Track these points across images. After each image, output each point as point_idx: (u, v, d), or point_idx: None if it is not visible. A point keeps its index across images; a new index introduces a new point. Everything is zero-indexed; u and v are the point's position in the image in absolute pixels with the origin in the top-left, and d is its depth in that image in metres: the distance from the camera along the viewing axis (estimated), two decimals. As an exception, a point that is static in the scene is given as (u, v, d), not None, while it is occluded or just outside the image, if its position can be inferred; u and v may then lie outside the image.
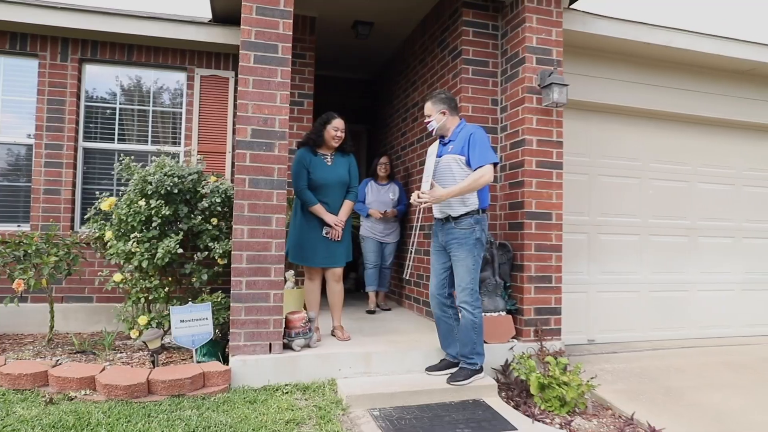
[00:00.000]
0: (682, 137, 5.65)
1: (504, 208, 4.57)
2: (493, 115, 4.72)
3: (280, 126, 3.70)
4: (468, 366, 3.67)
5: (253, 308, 3.61)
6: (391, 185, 5.71)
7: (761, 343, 5.48)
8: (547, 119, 4.35)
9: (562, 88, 4.18)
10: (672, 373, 4.35)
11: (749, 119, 5.75)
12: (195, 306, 3.65)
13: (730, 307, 5.74)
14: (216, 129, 5.26)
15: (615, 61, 5.20)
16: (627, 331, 5.29)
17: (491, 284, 4.24)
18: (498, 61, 4.75)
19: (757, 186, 5.97)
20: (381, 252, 5.62)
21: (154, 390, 3.27)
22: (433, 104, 3.81)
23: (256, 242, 3.63)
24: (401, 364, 3.87)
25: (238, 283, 3.60)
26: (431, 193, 3.63)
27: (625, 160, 5.40)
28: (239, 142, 3.63)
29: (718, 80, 5.61)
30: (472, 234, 3.61)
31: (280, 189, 3.69)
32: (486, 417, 3.31)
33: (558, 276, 4.31)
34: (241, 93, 3.65)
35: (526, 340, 4.21)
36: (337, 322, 4.28)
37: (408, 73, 6.18)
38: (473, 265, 3.61)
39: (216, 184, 4.53)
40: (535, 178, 4.29)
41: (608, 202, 5.31)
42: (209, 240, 4.36)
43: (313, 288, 4.30)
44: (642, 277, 5.40)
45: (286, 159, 3.72)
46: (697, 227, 5.67)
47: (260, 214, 3.65)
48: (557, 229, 4.33)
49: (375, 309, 5.56)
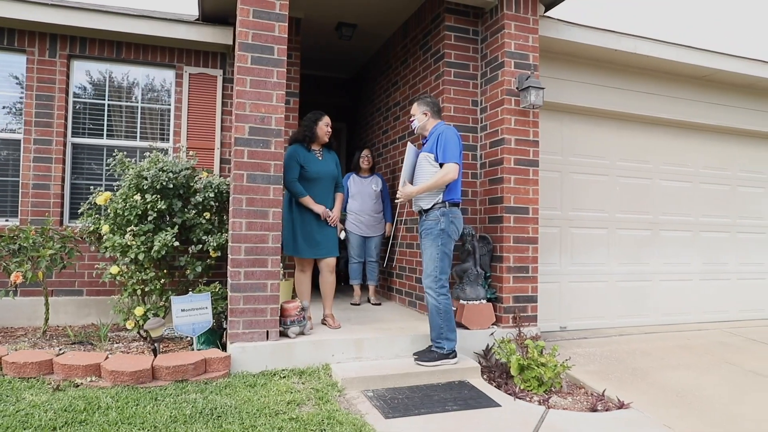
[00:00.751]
0: (645, 137, 6.05)
1: (484, 203, 4.85)
2: (474, 116, 4.99)
3: (276, 124, 3.89)
4: (436, 349, 3.94)
5: (251, 297, 3.79)
6: (374, 177, 5.90)
7: (716, 328, 5.93)
8: (524, 120, 4.65)
9: (539, 91, 4.49)
10: (637, 356, 4.72)
11: (706, 122, 6.19)
12: (195, 296, 3.81)
13: (688, 296, 6.18)
14: (204, 126, 5.38)
15: (586, 66, 5.55)
16: (596, 319, 5.66)
17: (473, 274, 4.52)
18: (478, 64, 5.03)
19: (713, 183, 6.44)
20: (365, 246, 5.81)
21: (158, 376, 3.43)
22: (418, 105, 4.19)
23: (254, 234, 3.81)
24: (390, 349, 4.11)
25: (237, 273, 3.77)
26: (402, 190, 4.07)
27: (595, 158, 5.76)
28: (237, 140, 3.80)
29: (678, 85, 6.03)
30: (437, 225, 3.90)
31: (276, 184, 3.88)
32: (472, 395, 3.58)
33: (534, 266, 4.62)
34: (239, 92, 3.82)
35: (505, 326, 4.51)
36: (328, 311, 4.50)
37: (389, 74, 6.41)
38: (437, 254, 3.90)
39: (209, 180, 4.67)
40: (513, 175, 4.59)
41: (579, 197, 5.66)
42: (202, 233, 4.51)
43: (305, 279, 4.51)
44: (610, 268, 5.78)
45: (281, 155, 3.91)
46: (659, 222, 6.09)
47: (258, 208, 3.82)
48: (534, 222, 4.64)
49: (360, 302, 5.76)
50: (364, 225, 5.74)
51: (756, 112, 6.49)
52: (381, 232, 5.84)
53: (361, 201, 5.75)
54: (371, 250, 5.82)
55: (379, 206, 5.80)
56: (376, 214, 5.78)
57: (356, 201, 5.76)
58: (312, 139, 4.46)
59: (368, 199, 5.77)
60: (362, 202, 5.75)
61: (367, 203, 5.75)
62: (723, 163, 6.50)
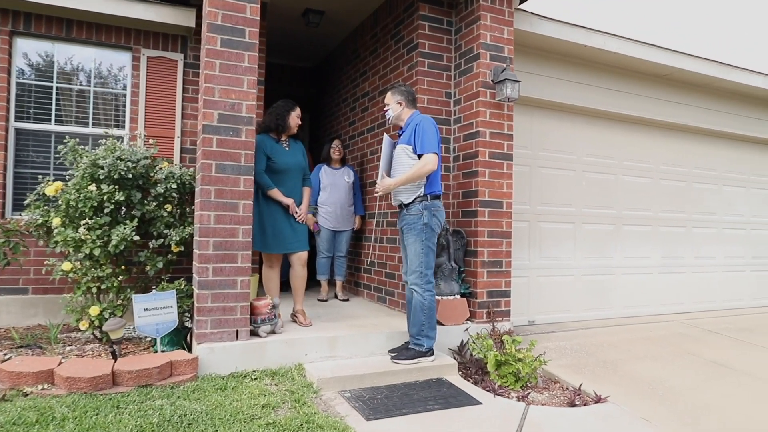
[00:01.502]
0: (610, 133, 6.15)
1: (457, 197, 4.78)
2: (447, 108, 4.91)
3: (248, 111, 3.67)
4: (415, 347, 3.84)
5: (220, 295, 3.57)
6: (345, 169, 5.72)
7: (674, 320, 6.11)
8: (499, 113, 4.60)
9: (515, 84, 4.44)
10: (606, 348, 4.78)
11: (666, 119, 6.35)
12: (159, 294, 3.55)
13: (648, 289, 6.35)
14: (164, 113, 5.06)
15: (557, 61, 5.56)
16: (563, 312, 5.72)
17: (447, 269, 4.45)
18: (452, 55, 4.94)
19: (671, 180, 6.62)
20: (334, 241, 5.65)
21: (119, 381, 3.17)
22: (392, 94, 4.04)
23: (223, 228, 3.59)
24: (365, 347, 3.98)
25: (205, 270, 3.54)
26: (380, 183, 3.90)
27: (563, 153, 5.80)
28: (205, 127, 3.56)
29: (642, 83, 6.15)
30: (420, 219, 3.79)
31: (247, 175, 3.67)
32: (451, 393, 3.50)
33: (508, 261, 4.60)
34: (208, 77, 3.57)
35: (479, 321, 4.46)
36: (299, 306, 4.32)
37: (357, 64, 6.24)
38: (422, 250, 3.79)
39: (170, 170, 4.38)
40: (488, 168, 4.53)
41: (547, 192, 5.69)
42: (164, 227, 4.23)
43: (273, 275, 4.32)
44: (576, 262, 5.86)
45: (253, 145, 3.70)
46: (622, 216, 6.22)
47: (227, 200, 3.60)
48: (508, 216, 4.61)
49: (327, 298, 5.59)
50: (335, 218, 5.56)
51: (710, 111, 6.72)
52: (351, 226, 5.69)
53: (333, 193, 5.57)
54: (341, 245, 5.66)
55: (351, 199, 5.64)
56: (348, 206, 5.62)
57: (327, 192, 5.57)
58: (282, 129, 4.27)
59: (340, 191, 5.58)
60: (334, 194, 5.56)
61: (338, 195, 5.56)
62: (680, 161, 6.70)
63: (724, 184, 7.10)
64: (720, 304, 6.91)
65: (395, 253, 5.06)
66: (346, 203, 5.60)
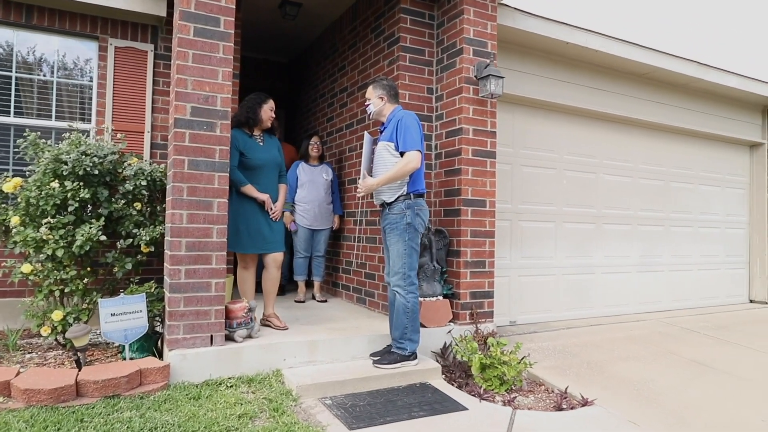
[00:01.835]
0: (591, 132, 6.12)
1: (439, 195, 4.67)
2: (429, 104, 4.79)
3: (223, 105, 3.48)
4: (398, 351, 3.71)
5: (193, 298, 3.38)
6: (323, 166, 5.55)
7: (653, 318, 6.13)
8: (482, 109, 4.50)
9: (498, 80, 4.35)
10: (589, 349, 4.73)
11: (645, 118, 6.35)
12: (128, 297, 3.34)
13: (627, 288, 6.35)
14: (133, 106, 4.81)
15: (539, 58, 5.50)
16: (544, 312, 5.66)
17: (429, 269, 4.33)
18: (434, 50, 4.82)
19: (650, 179, 6.64)
20: (312, 240, 5.48)
21: (84, 392, 2.96)
22: (373, 88, 3.91)
23: (197, 228, 3.40)
24: (346, 351, 3.84)
25: (177, 272, 3.35)
26: (363, 183, 3.77)
27: (544, 151, 5.74)
28: (177, 121, 3.36)
29: (622, 82, 6.13)
30: (403, 219, 3.66)
31: (222, 172, 3.48)
32: (436, 399, 3.39)
33: (491, 261, 4.50)
34: (180, 67, 3.37)
35: (462, 323, 4.36)
36: (271, 310, 4.15)
37: (335, 58, 6.08)
38: (405, 250, 3.67)
39: (140, 166, 4.16)
40: (471, 167, 4.43)
41: (528, 190, 5.62)
42: (132, 226, 4.00)
43: (248, 276, 4.13)
44: (557, 261, 5.81)
45: (228, 140, 3.51)
46: (602, 215, 6.20)
47: (201, 198, 3.41)
48: (491, 216, 4.51)
49: (305, 299, 5.42)
50: (313, 216, 5.40)
51: (688, 111, 6.76)
52: (330, 225, 5.52)
53: (311, 191, 5.40)
54: (319, 245, 5.50)
55: (329, 197, 5.49)
56: (326, 205, 5.46)
57: (305, 190, 5.40)
58: (254, 123, 4.08)
59: (319, 189, 5.42)
60: (312, 192, 5.39)
61: (317, 193, 5.40)
62: (658, 160, 6.72)
63: (701, 184, 7.16)
64: (696, 302, 6.97)
65: (375, 253, 4.93)
66: (324, 201, 5.44)
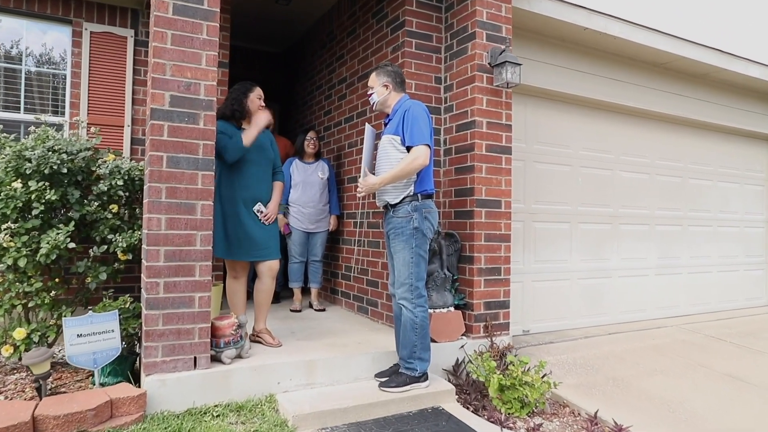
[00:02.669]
0: (607, 126, 5.71)
1: (449, 195, 4.25)
2: (437, 94, 4.37)
3: (207, 93, 3.05)
4: (406, 371, 3.29)
5: (173, 316, 2.95)
6: (319, 163, 5.10)
7: (672, 324, 5.74)
8: (496, 100, 4.08)
9: (515, 67, 3.93)
10: (612, 362, 4.33)
11: (663, 110, 5.95)
12: (96, 315, 2.90)
13: (645, 292, 5.96)
14: (111, 98, 4.37)
15: (554, 47, 5.08)
16: (559, 320, 5.26)
17: (440, 278, 3.92)
18: (442, 35, 4.39)
19: (667, 175, 6.24)
20: (308, 244, 5.06)
21: (43, 429, 2.53)
22: (377, 76, 3.48)
23: (177, 235, 2.97)
24: (348, 371, 3.42)
25: (154, 285, 2.92)
26: (364, 182, 3.34)
27: (558, 146, 5.33)
28: (154, 111, 2.93)
29: (638, 72, 5.72)
30: (409, 223, 3.24)
31: (206, 170, 3.05)
32: (452, 429, 2.98)
33: (507, 267, 4.09)
34: (157, 50, 2.94)
35: (476, 336, 3.95)
36: (263, 324, 3.72)
37: (333, 47, 5.64)
38: (412, 258, 3.25)
39: (116, 163, 3.72)
40: (485, 163, 4.01)
41: (542, 189, 5.21)
42: (108, 231, 3.57)
43: (239, 288, 3.70)
44: (572, 265, 5.40)
45: (213, 134, 3.08)
46: (619, 215, 5.80)
47: (182, 201, 2.98)
48: (506, 217, 4.10)
49: (301, 308, 4.99)
50: (308, 219, 4.98)
51: (706, 103, 6.35)
52: (327, 227, 5.10)
53: (305, 190, 4.97)
54: (315, 248, 5.07)
55: (325, 197, 5.05)
56: (322, 206, 5.02)
57: (299, 191, 4.98)
58: (242, 115, 3.61)
59: (313, 189, 4.99)
60: (305, 192, 4.97)
61: (311, 193, 4.97)
62: (676, 155, 6.33)
63: (719, 180, 6.77)
64: (715, 305, 6.59)
65: (378, 259, 4.51)
66: (319, 202, 5.00)
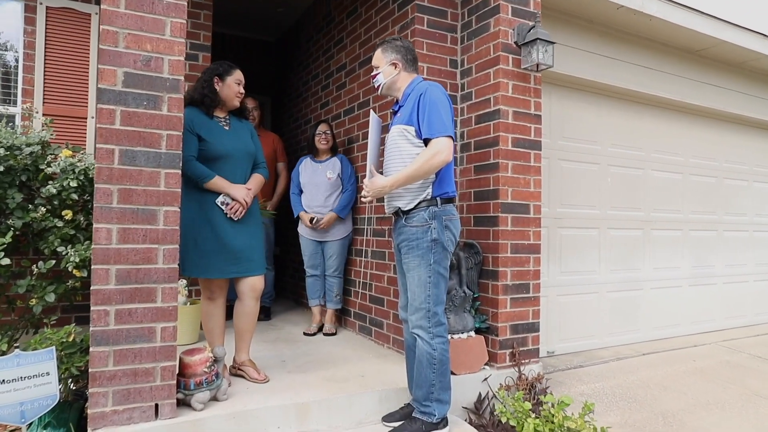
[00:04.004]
0: (636, 119, 5.10)
1: (467, 198, 3.63)
2: (452, 80, 3.75)
3: (172, 71, 2.42)
4: (422, 417, 2.65)
5: (128, 353, 2.33)
6: (331, 161, 4.35)
7: (710, 341, 5.14)
8: (524, 86, 3.47)
9: (548, 46, 3.32)
10: (655, 391, 3.72)
11: (697, 102, 5.34)
12: (25, 355, 2.26)
13: (678, 305, 5.35)
14: (72, 84, 3.76)
15: (582, 29, 4.46)
16: (586, 339, 4.65)
17: (458, 297, 3.30)
18: (458, 12, 3.78)
19: (702, 175, 5.64)
20: (321, 254, 4.36)
21: None
22: (383, 52, 2.83)
23: (133, 250, 2.34)
24: (349, 414, 2.80)
25: (103, 314, 2.29)
26: (370, 184, 2.70)
27: (585, 142, 4.72)
28: (103, 93, 2.30)
29: (669, 59, 5.10)
30: (426, 233, 2.62)
31: (171, 168, 2.42)
32: (482, 493, 2.36)
33: (536, 284, 3.48)
34: (108, 15, 2.31)
35: (501, 366, 3.33)
36: (246, 355, 3.09)
37: (332, 30, 5.02)
38: (429, 278, 2.62)
39: (70, 161, 3.09)
40: (511, 161, 3.40)
41: (568, 190, 4.60)
42: (59, 242, 2.95)
43: (216, 311, 3.06)
44: (600, 276, 4.79)
45: (180, 122, 2.45)
46: (651, 219, 5.19)
47: (139, 207, 2.35)
48: (535, 224, 3.49)
49: (316, 331, 4.27)
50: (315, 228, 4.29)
51: (743, 95, 5.74)
52: (344, 235, 4.33)
53: (309, 193, 4.32)
54: (329, 260, 4.33)
55: (334, 200, 4.30)
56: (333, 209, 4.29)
57: (306, 193, 4.35)
58: (213, 101, 2.96)
59: (318, 191, 4.28)
60: (310, 195, 4.32)
61: (316, 196, 4.29)
62: (711, 152, 5.72)
63: (755, 180, 6.18)
64: (752, 318, 5.98)
65: (384, 272, 3.89)
66: (326, 206, 4.27)
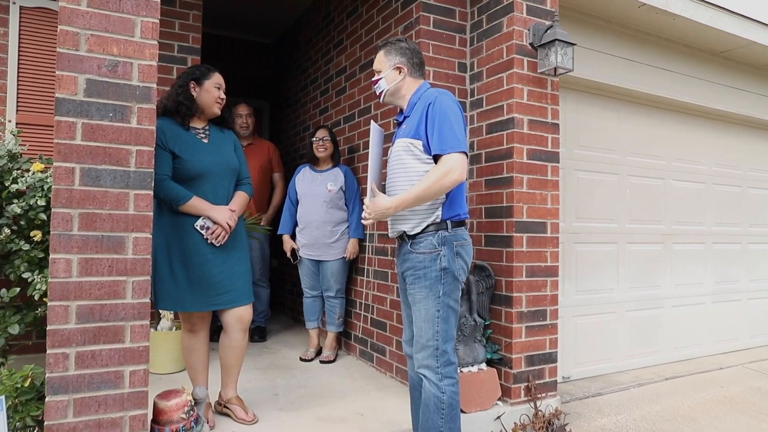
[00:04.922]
0: (657, 125, 4.78)
1: (478, 215, 3.32)
2: (461, 85, 3.44)
3: (142, 78, 2.11)
4: None
5: (91, 401, 2.02)
6: (332, 172, 4.02)
7: (735, 363, 4.80)
8: (540, 92, 3.16)
9: (567, 47, 3.00)
10: (684, 426, 3.39)
11: (721, 107, 5.01)
12: (-30, 408, 1.97)
13: (701, 324, 5.01)
14: (49, 89, 3.47)
15: (600, 30, 4.15)
16: (604, 362, 4.33)
17: (468, 325, 2.98)
18: (467, 11, 3.47)
19: (725, 184, 5.31)
20: (318, 275, 4.05)
21: None
22: (386, 54, 2.50)
23: (97, 283, 2.04)
24: (347, 461, 2.49)
25: (61, 358, 1.99)
26: (372, 205, 2.35)
27: (603, 151, 4.40)
28: (62, 103, 2.00)
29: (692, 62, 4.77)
30: (436, 262, 2.29)
31: (141, 188, 2.11)
32: None
33: (554, 309, 3.16)
34: (66, 14, 2.01)
35: (515, 401, 3.01)
36: (233, 392, 2.78)
37: (331, 32, 4.72)
38: (438, 311, 2.29)
39: (39, 176, 2.80)
40: (527, 174, 3.08)
41: (585, 203, 4.28)
42: (24, 267, 2.65)
43: (198, 345, 2.75)
44: (618, 294, 4.46)
45: (151, 135, 2.15)
46: (672, 232, 4.86)
47: (104, 233, 2.05)
48: (553, 244, 3.17)
49: (313, 357, 3.98)
50: (313, 242, 3.96)
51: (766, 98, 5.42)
52: (341, 254, 3.97)
53: (306, 206, 3.99)
54: (326, 281, 4.00)
55: (335, 214, 3.95)
56: (331, 227, 3.93)
57: (302, 206, 4.03)
58: (190, 110, 2.63)
59: (317, 204, 3.94)
60: (307, 208, 3.98)
61: (313, 209, 3.95)
62: (735, 160, 5.39)
63: (779, 190, 5.84)
64: (776, 337, 5.65)
65: (386, 294, 3.58)
66: (325, 221, 3.92)
